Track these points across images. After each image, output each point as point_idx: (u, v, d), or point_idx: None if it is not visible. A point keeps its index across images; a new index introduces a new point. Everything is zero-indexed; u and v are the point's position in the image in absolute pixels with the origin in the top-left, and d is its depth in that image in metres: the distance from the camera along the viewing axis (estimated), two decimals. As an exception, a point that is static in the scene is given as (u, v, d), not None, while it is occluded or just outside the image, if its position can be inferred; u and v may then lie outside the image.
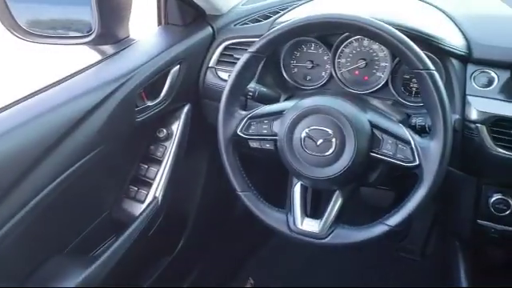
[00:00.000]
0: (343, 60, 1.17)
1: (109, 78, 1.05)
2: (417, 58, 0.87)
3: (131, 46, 1.17)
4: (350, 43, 1.15)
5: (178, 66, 1.18)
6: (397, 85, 1.13)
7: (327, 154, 0.92)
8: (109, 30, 1.13)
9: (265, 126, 0.99)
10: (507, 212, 1.03)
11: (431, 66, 0.87)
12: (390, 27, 0.87)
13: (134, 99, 1.08)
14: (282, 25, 0.95)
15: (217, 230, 1.62)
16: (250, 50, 0.98)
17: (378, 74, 1.14)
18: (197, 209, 1.43)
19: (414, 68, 0.87)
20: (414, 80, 1.09)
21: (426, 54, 1.03)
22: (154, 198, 1.19)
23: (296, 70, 1.23)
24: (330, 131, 0.91)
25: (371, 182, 1.01)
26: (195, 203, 1.42)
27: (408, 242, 1.75)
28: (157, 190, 1.19)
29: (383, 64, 1.13)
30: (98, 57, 1.16)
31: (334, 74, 1.17)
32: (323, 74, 1.20)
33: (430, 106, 0.87)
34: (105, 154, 1.05)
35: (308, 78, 1.22)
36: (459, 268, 1.17)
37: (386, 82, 1.13)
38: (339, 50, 1.16)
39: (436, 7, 1.16)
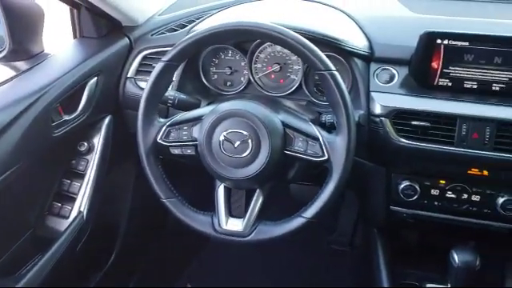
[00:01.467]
0: (259, 65, 1.22)
1: (22, 95, 1.03)
2: (318, 60, 0.93)
3: (46, 61, 1.16)
4: (264, 49, 1.21)
5: (96, 78, 1.18)
6: (310, 86, 1.19)
7: (245, 154, 0.96)
8: (21, 45, 1.11)
9: (184, 133, 1.02)
10: (415, 197, 1.12)
11: (332, 67, 0.93)
12: (291, 31, 0.93)
13: (49, 114, 1.06)
14: (192, 34, 0.98)
15: (151, 239, 1.62)
16: (163, 59, 1.00)
17: (292, 76, 1.21)
18: (127, 220, 1.43)
19: (316, 69, 0.94)
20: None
21: (330, 55, 1.12)
22: (79, 212, 1.17)
23: (216, 76, 1.27)
24: (246, 133, 0.95)
25: (290, 178, 1.07)
26: (125, 215, 1.41)
27: (337, 234, 1.85)
28: (81, 204, 1.18)
29: (296, 67, 1.20)
30: (12, 73, 1.13)
31: (251, 79, 1.22)
32: (242, 79, 1.25)
33: (334, 104, 0.94)
34: (23, 171, 1.03)
35: (228, 83, 1.26)
36: (378, 254, 1.26)
37: (300, 84, 1.19)
38: (254, 56, 1.21)
39: (339, 10, 1.24)
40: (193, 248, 1.83)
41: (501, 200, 1.07)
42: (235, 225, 1.00)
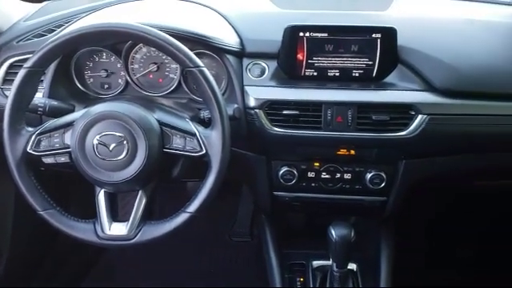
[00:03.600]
0: (136, 66, 1.21)
1: None
2: (186, 57, 0.95)
3: None
4: (139, 49, 1.21)
5: None
6: (189, 84, 1.21)
7: (121, 157, 0.95)
8: None
9: (56, 140, 0.98)
10: (294, 181, 1.20)
11: (200, 63, 0.96)
12: (157, 31, 0.94)
13: None
14: (53, 38, 0.95)
15: (43, 254, 1.55)
16: (25, 66, 0.96)
17: (170, 75, 1.22)
18: (11, 238, 1.34)
19: (185, 66, 0.96)
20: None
21: (204, 53, 1.15)
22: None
23: (92, 79, 1.23)
24: (120, 135, 0.95)
25: (175, 176, 1.08)
26: (7, 232, 1.33)
27: (237, 226, 1.91)
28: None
29: (173, 66, 1.21)
30: None
31: (129, 80, 1.21)
32: (120, 81, 1.23)
33: (206, 100, 0.97)
34: None
35: (106, 86, 1.24)
36: (267, 238, 1.32)
37: (180, 83, 1.21)
38: (130, 57, 1.20)
39: (211, 8, 1.27)
40: (92, 254, 1.78)
41: (369, 175, 1.18)
42: (119, 229, 1.00)
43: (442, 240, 1.79)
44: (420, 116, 1.08)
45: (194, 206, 0.98)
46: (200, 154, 0.97)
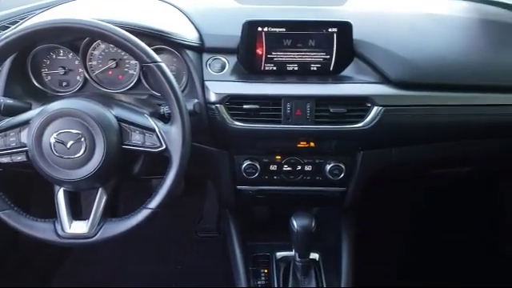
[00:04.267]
0: (94, 62, 1.20)
1: None
2: (143, 53, 0.95)
3: None
4: (97, 46, 1.19)
5: None
6: (149, 80, 1.21)
7: (79, 154, 0.94)
8: None
9: (12, 139, 0.97)
10: (256, 174, 1.21)
11: (158, 59, 0.96)
12: (113, 26, 0.94)
13: None
14: (6, 34, 0.93)
15: (5, 254, 1.51)
16: None
17: (130, 72, 1.21)
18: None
19: (143, 62, 0.96)
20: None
21: (163, 48, 1.15)
22: None
23: (50, 77, 1.21)
24: (78, 132, 0.94)
25: (136, 173, 1.08)
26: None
27: (204, 222, 1.91)
28: None
29: (133, 62, 1.21)
30: None
31: (88, 78, 1.20)
32: (78, 78, 1.21)
33: (165, 95, 0.97)
34: None
35: (64, 83, 1.22)
36: (231, 232, 1.34)
37: (139, 78, 1.20)
38: (88, 54, 1.19)
39: (170, 4, 1.27)
40: (57, 254, 1.75)
41: (328, 167, 1.21)
42: (80, 227, 0.99)
43: (403, 228, 1.85)
44: (375, 108, 1.11)
45: (155, 202, 0.98)
46: (160, 149, 0.97)
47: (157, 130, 0.97)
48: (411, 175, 1.38)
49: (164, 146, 0.97)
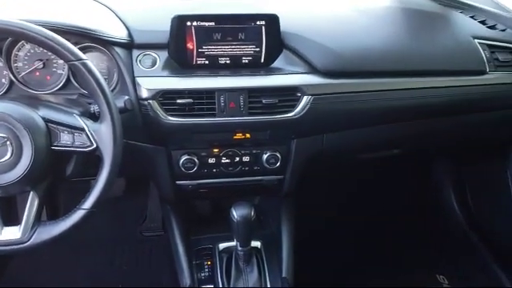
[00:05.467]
0: (20, 64, 1.16)
1: None
2: (68, 51, 0.93)
3: None
4: (22, 46, 1.15)
5: None
6: (78, 79, 1.18)
7: (6, 158, 0.91)
8: None
9: None
10: (195, 168, 1.22)
11: (83, 56, 0.94)
12: (34, 26, 0.91)
13: None
14: None
15: None
16: None
17: (58, 71, 1.18)
18: None
19: (68, 60, 0.94)
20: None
21: (91, 46, 1.13)
22: None
23: None
24: (3, 136, 0.91)
25: (70, 174, 1.06)
26: None
27: (149, 221, 1.90)
28: None
29: (60, 62, 1.17)
30: None
31: (13, 80, 1.15)
32: (3, 80, 1.17)
33: (92, 93, 0.95)
34: None
35: None
36: (173, 228, 1.34)
37: (69, 78, 1.17)
38: (12, 55, 1.15)
39: (98, 2, 1.25)
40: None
41: (265, 156, 1.24)
42: (12, 233, 0.96)
43: (342, 214, 1.93)
44: (305, 97, 1.15)
45: (89, 202, 0.96)
46: (91, 148, 0.96)
47: (86, 129, 0.96)
48: (343, 160, 1.44)
49: (95, 145, 0.96)
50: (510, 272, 1.61)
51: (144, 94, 1.12)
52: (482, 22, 1.42)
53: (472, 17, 1.46)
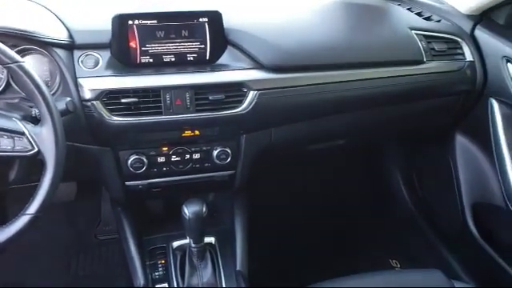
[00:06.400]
0: None
1: None
2: (3, 54, 0.90)
3: None
4: None
5: None
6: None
7: None
8: None
9: None
10: (144, 168, 1.21)
11: (18, 58, 0.91)
12: None
13: None
14: None
15: None
16: None
17: None
18: None
19: (3, 64, 0.91)
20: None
21: (30, 48, 1.10)
22: None
23: None
24: None
25: (13, 180, 1.04)
26: None
27: (103, 224, 1.87)
28: None
29: None
30: None
31: None
32: None
33: (31, 96, 0.93)
34: None
35: None
36: (124, 230, 1.32)
37: (8, 82, 1.13)
38: None
39: (36, 3, 1.21)
40: None
41: (215, 152, 1.25)
42: None
43: (294, 203, 1.97)
44: (251, 92, 1.17)
45: (33, 207, 0.94)
46: (32, 152, 0.93)
47: (26, 132, 0.93)
48: (294, 152, 1.47)
49: (36, 149, 0.93)
50: (455, 252, 1.70)
51: (87, 94, 1.10)
52: (419, 14, 1.49)
53: (409, 9, 1.52)
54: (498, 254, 1.46)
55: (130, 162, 1.20)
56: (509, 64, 1.31)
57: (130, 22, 1.11)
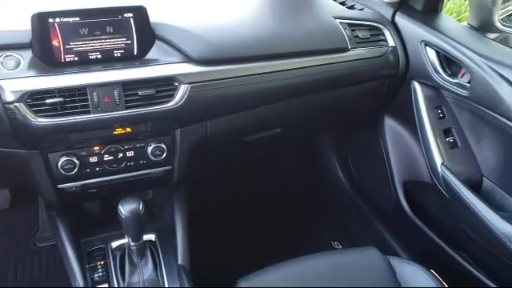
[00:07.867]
0: None
1: None
2: None
3: None
4: None
5: None
6: None
7: None
8: None
9: None
10: (76, 170, 1.18)
11: None
12: None
13: None
14: None
15: None
16: None
17: None
18: None
19: None
20: None
21: None
22: None
23: None
24: None
25: None
26: None
27: (41, 231, 1.81)
28: None
29: None
30: None
31: None
32: None
33: None
34: None
35: None
36: (60, 234, 1.29)
37: None
38: None
39: None
40: None
41: (150, 149, 1.23)
42: None
43: (234, 192, 1.99)
44: (183, 86, 1.16)
45: None
46: None
47: None
48: (231, 143, 1.48)
49: None
50: (391, 229, 1.78)
51: (9, 97, 1.05)
52: (342, 3, 1.54)
53: (333, -2, 1.57)
54: (427, 227, 1.55)
55: (60, 164, 1.17)
56: (427, 47, 1.39)
57: (51, 20, 1.07)
